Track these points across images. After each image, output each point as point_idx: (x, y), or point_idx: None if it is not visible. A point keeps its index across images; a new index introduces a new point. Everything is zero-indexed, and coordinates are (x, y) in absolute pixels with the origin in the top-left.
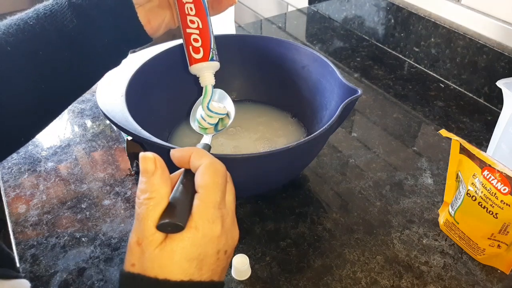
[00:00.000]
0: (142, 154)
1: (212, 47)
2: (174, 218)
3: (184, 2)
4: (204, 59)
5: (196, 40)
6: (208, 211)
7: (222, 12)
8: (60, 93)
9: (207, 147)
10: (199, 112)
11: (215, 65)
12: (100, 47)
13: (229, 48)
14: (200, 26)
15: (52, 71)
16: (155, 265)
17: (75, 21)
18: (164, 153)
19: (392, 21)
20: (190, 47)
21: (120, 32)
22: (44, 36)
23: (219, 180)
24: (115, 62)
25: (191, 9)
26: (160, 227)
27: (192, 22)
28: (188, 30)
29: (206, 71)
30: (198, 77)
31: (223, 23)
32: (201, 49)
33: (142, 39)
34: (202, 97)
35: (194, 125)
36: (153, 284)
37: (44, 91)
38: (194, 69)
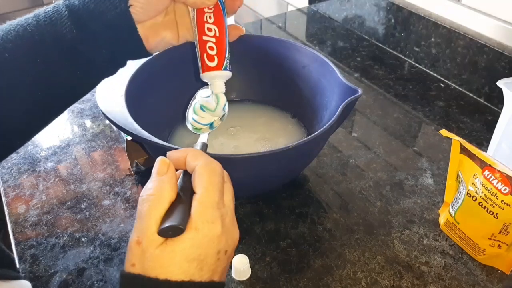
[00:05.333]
0: (160, 158)
1: (226, 56)
2: (174, 222)
3: (205, 11)
4: (218, 67)
5: (211, 48)
6: (207, 211)
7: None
8: (57, 99)
9: (204, 146)
10: (190, 115)
11: (228, 74)
12: (99, 59)
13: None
14: (217, 35)
15: (50, 79)
16: (156, 265)
17: (74, 31)
18: (163, 153)
19: (393, 21)
20: (205, 54)
21: (119, 46)
22: (42, 45)
23: (216, 179)
24: (112, 72)
25: (210, 17)
26: (161, 233)
27: (210, 30)
28: (205, 38)
29: (218, 80)
30: (208, 84)
31: None
32: (215, 57)
33: (142, 54)
34: (197, 98)
35: (189, 126)
36: (154, 284)
37: (40, 97)
38: (206, 76)
